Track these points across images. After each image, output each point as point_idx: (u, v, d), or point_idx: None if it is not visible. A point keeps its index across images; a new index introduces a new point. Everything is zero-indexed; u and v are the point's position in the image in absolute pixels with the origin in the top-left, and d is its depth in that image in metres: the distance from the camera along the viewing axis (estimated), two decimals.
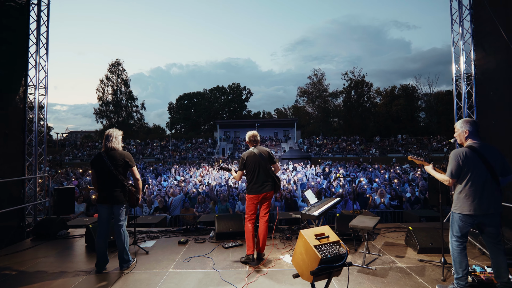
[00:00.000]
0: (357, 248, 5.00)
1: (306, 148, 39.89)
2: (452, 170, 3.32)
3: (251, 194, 4.54)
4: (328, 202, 5.17)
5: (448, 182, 3.37)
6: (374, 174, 16.26)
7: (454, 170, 3.31)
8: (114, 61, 54.26)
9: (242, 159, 4.62)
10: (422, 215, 7.27)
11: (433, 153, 36.36)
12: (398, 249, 4.99)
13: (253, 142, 4.74)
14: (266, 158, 4.61)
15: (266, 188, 4.54)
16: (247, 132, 4.91)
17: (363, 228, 4.29)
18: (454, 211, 3.40)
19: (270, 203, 4.69)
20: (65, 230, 6.30)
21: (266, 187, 4.54)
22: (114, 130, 4.32)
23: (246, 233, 4.49)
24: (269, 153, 4.70)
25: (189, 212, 9.02)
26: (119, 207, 4.22)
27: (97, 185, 4.24)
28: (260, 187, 4.51)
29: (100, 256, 4.20)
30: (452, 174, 3.33)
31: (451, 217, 3.48)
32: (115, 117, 54.32)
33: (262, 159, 4.56)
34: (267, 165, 4.60)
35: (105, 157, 4.13)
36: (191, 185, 12.12)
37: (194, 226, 6.30)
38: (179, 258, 4.72)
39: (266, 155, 4.63)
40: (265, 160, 4.59)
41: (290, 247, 5.18)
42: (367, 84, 54.28)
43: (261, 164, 4.54)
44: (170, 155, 36.22)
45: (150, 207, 9.11)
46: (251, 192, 4.54)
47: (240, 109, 64.98)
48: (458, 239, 3.37)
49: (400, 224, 6.67)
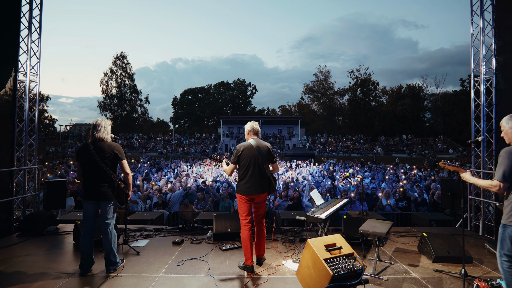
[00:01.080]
0: (366, 254, 4.59)
1: (308, 145, 39.49)
2: (505, 172, 2.76)
3: (241, 194, 3.98)
4: (336, 204, 4.76)
5: (497, 188, 2.78)
6: (381, 173, 15.81)
7: (508, 172, 2.75)
8: (118, 54, 53.93)
9: (237, 151, 4.03)
10: (432, 218, 6.84)
11: (438, 153, 35.79)
12: (411, 256, 4.57)
13: (253, 133, 4.19)
14: (265, 155, 4.02)
15: (257, 190, 3.95)
16: None
17: (375, 234, 3.87)
18: (508, 223, 2.78)
19: (264, 205, 4.18)
20: (54, 225, 5.94)
21: (258, 189, 3.95)
22: (103, 119, 3.92)
23: (242, 241, 3.96)
24: (269, 149, 4.10)
25: (188, 209, 8.66)
26: (107, 204, 3.83)
27: (82, 179, 3.87)
28: (250, 188, 3.93)
29: (84, 257, 3.82)
30: (505, 176, 2.76)
31: (501, 232, 2.86)
32: (119, 110, 54.13)
33: (260, 155, 3.97)
34: (264, 163, 4.02)
35: (92, 149, 3.74)
36: (191, 181, 11.75)
37: (190, 225, 5.91)
38: (172, 261, 4.33)
39: (265, 150, 4.04)
40: (263, 157, 4.00)
41: (293, 251, 4.78)
42: (373, 82, 53.55)
43: (257, 160, 3.96)
44: (173, 149, 35.89)
45: (146, 202, 8.73)
46: (241, 191, 3.97)
47: (244, 105, 64.45)
48: (511, 259, 2.77)
49: (410, 228, 6.24)
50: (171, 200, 9.01)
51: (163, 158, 26.26)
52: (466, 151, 36.01)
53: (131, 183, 4.03)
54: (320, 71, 56.59)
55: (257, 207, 4.11)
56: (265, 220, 4.27)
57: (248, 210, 4.03)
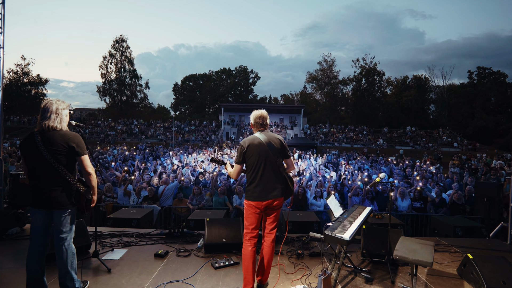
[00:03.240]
0: (395, 279, 3.65)
1: (309, 133, 38.56)
2: None
3: (251, 200, 3.19)
4: (358, 214, 3.79)
5: None
6: (388, 168, 14.85)
7: None
8: (118, 37, 52.41)
9: (242, 148, 3.26)
10: (457, 224, 5.77)
11: (442, 147, 34.81)
12: (452, 283, 3.63)
13: (260, 126, 3.39)
14: (277, 150, 3.26)
15: (273, 193, 3.19)
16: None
17: (417, 262, 2.93)
18: None
19: (278, 214, 3.34)
20: (19, 227, 5.03)
21: (274, 191, 3.20)
22: (55, 101, 2.92)
23: (243, 259, 3.13)
24: (281, 143, 3.32)
25: (182, 204, 7.78)
26: (61, 213, 2.89)
27: (28, 180, 2.93)
28: (264, 192, 3.17)
29: (31, 283, 2.91)
30: None
31: None
32: (118, 95, 52.98)
33: (272, 151, 3.21)
34: (278, 160, 3.26)
35: (39, 140, 2.79)
36: (188, 172, 10.79)
37: (179, 230, 4.99)
38: (149, 284, 3.41)
39: (277, 144, 3.27)
40: (276, 152, 3.24)
41: (302, 270, 3.86)
42: (379, 72, 52.11)
43: (268, 157, 3.20)
44: (173, 136, 34.94)
45: (139, 196, 7.80)
46: (252, 197, 3.19)
47: (246, 93, 63.08)
48: None
49: (440, 240, 5.27)
50: (164, 193, 8.11)
51: (161, 146, 25.26)
52: (471, 145, 35.00)
53: (95, 185, 3.07)
54: (325, 59, 54.98)
55: (269, 216, 3.28)
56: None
57: (258, 221, 3.20)
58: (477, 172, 14.51)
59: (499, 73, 49.49)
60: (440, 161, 21.55)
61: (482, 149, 33.31)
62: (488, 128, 43.57)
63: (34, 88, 50.40)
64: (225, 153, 18.46)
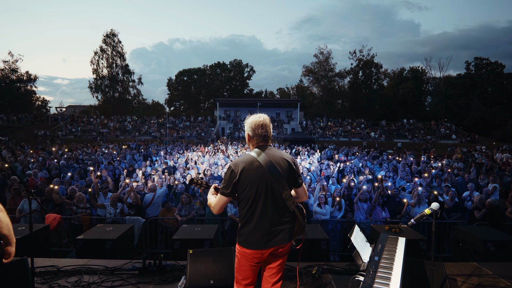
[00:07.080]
0: None
1: (305, 124, 38.01)
2: None
3: (245, 248, 2.32)
4: (393, 252, 2.83)
5: None
6: (392, 164, 14.04)
7: None
8: (108, 31, 51.16)
9: (232, 175, 2.31)
10: (488, 238, 4.54)
11: (440, 139, 34.31)
12: None
13: (261, 139, 2.41)
14: (284, 177, 2.33)
15: (277, 238, 2.31)
16: (248, 111, 2.65)
17: None
18: None
19: (284, 262, 2.47)
20: None
21: (279, 235, 2.32)
22: None
23: None
24: (289, 166, 2.37)
25: (170, 214, 7.01)
26: None
27: None
28: (265, 237, 2.29)
29: None
30: None
31: None
32: (110, 91, 51.97)
33: (276, 178, 2.29)
34: (285, 191, 2.32)
35: None
36: (178, 175, 9.99)
37: (155, 263, 4.04)
38: None
39: (284, 168, 2.34)
40: (281, 180, 2.31)
41: None
42: (376, 65, 51.39)
43: (270, 187, 2.29)
44: (167, 133, 34.13)
45: (115, 206, 6.67)
46: (247, 243, 2.32)
47: (241, 87, 62.09)
48: None
49: (480, 267, 4.07)
50: (154, 202, 7.36)
51: (154, 144, 24.40)
52: (470, 137, 34.47)
53: (8, 232, 2.17)
54: (321, 51, 54.15)
55: (271, 266, 2.44)
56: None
57: (254, 275, 2.38)
58: (481, 167, 13.92)
59: (496, 64, 49.13)
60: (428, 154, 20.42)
61: (481, 141, 32.85)
62: (486, 120, 43.20)
63: (24, 85, 49.22)
64: (221, 149, 17.33)
